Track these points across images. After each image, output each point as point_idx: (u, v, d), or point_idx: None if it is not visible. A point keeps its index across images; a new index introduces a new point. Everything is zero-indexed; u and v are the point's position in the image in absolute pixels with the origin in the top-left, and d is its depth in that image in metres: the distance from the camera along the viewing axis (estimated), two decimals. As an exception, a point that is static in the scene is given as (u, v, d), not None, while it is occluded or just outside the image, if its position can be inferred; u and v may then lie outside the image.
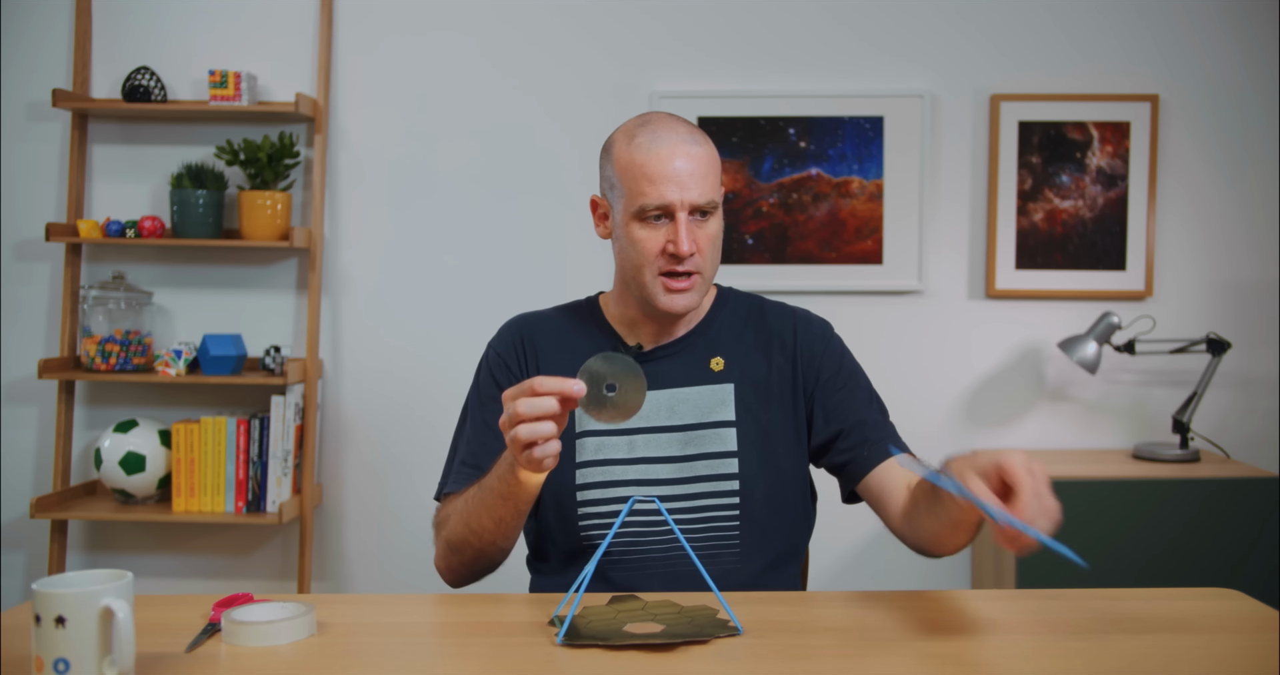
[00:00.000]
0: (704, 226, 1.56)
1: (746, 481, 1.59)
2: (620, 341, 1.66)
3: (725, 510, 1.58)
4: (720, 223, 1.59)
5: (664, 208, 1.54)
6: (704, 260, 1.57)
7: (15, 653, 1.21)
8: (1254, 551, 2.70)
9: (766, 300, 1.73)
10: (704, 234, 1.56)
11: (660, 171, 1.53)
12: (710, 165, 1.57)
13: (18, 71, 3.07)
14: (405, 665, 1.22)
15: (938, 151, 3.06)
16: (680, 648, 1.23)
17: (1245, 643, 1.27)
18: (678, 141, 1.55)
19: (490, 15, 3.06)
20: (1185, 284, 3.08)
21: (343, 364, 3.11)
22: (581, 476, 1.59)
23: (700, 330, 1.66)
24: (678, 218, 1.54)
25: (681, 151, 1.54)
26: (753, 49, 3.06)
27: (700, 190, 1.54)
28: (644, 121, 1.59)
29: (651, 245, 1.56)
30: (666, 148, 1.54)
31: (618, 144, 1.59)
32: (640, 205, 1.54)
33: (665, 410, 1.61)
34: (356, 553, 3.12)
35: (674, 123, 1.59)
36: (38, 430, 3.12)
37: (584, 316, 1.71)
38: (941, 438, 3.08)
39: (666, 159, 1.54)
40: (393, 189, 3.09)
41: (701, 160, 1.55)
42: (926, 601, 1.42)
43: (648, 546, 1.58)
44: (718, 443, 1.60)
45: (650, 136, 1.56)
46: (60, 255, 3.06)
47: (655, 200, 1.53)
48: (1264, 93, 3.04)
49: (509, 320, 1.73)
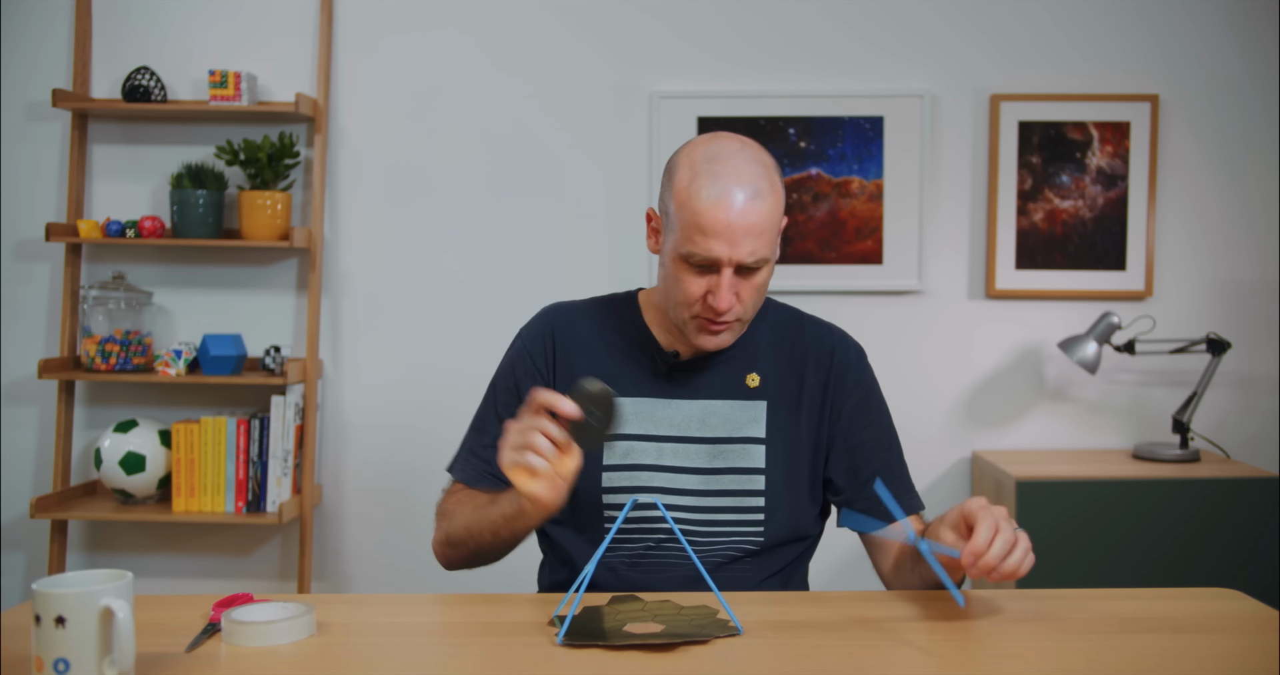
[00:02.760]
0: (750, 279, 1.52)
1: (771, 499, 1.58)
2: (657, 347, 1.63)
3: (749, 525, 1.58)
4: (769, 272, 1.55)
5: (710, 262, 1.49)
6: (745, 308, 1.54)
7: (15, 653, 1.21)
8: (1254, 551, 2.70)
9: (804, 315, 1.71)
10: (749, 286, 1.52)
11: (714, 225, 1.47)
12: (769, 221, 1.50)
13: (18, 71, 3.07)
14: (405, 665, 1.22)
15: (938, 151, 3.06)
16: (680, 648, 1.23)
17: (1245, 643, 1.27)
18: (741, 196, 1.47)
19: (490, 15, 3.06)
20: (1185, 284, 3.08)
21: (343, 364, 3.11)
22: (608, 479, 1.58)
23: (741, 344, 1.63)
24: (723, 272, 1.49)
25: (742, 208, 1.47)
26: (753, 49, 3.06)
27: (751, 248, 1.48)
28: (712, 157, 1.50)
29: (693, 290, 1.52)
30: (726, 202, 1.47)
31: (679, 173, 1.52)
32: (689, 252, 1.49)
33: (697, 421, 1.60)
34: (356, 553, 3.12)
35: (744, 168, 1.49)
36: (38, 430, 3.12)
37: (621, 313, 1.67)
38: (941, 438, 3.08)
39: (724, 212, 1.46)
40: (393, 189, 3.09)
41: (761, 216, 1.48)
42: (926, 601, 1.42)
43: (668, 549, 1.57)
44: (746, 458, 1.59)
45: (713, 184, 1.47)
46: (60, 255, 3.06)
47: (703, 252, 1.48)
48: (1264, 92, 3.04)
49: (543, 309, 1.71)
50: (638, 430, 1.59)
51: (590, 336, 1.65)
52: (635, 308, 1.68)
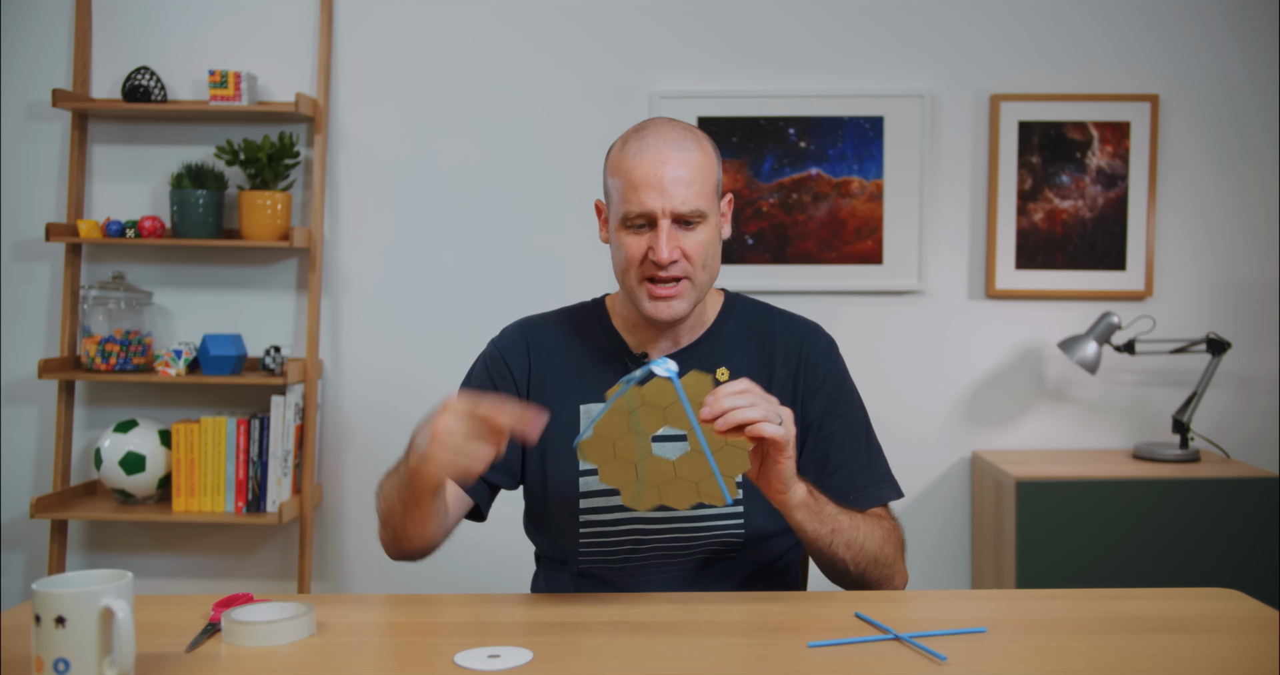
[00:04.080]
0: (690, 234, 1.53)
1: (750, 490, 1.56)
2: (626, 349, 1.63)
3: (728, 519, 1.56)
4: (712, 232, 1.55)
5: (646, 215, 1.51)
6: (693, 267, 1.53)
7: (15, 653, 1.22)
8: (1254, 551, 2.70)
9: (774, 309, 1.71)
10: (692, 242, 1.53)
11: (644, 178, 1.51)
12: (699, 172, 1.53)
13: (18, 71, 3.07)
14: (405, 665, 1.22)
15: (938, 151, 3.06)
16: (680, 646, 1.23)
17: (1245, 643, 1.27)
18: (665, 148, 1.52)
19: (490, 15, 3.06)
20: (1185, 284, 3.08)
21: (343, 364, 3.11)
22: (585, 484, 1.58)
23: (707, 338, 1.64)
24: (660, 225, 1.51)
25: (667, 158, 1.51)
26: (753, 49, 3.06)
27: (684, 197, 1.50)
28: (640, 127, 1.57)
29: (635, 251, 1.53)
30: (652, 154, 1.51)
31: (614, 150, 1.57)
32: (624, 211, 1.52)
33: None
34: (356, 553, 3.12)
35: (668, 129, 1.55)
36: (38, 430, 3.12)
37: (589, 320, 1.68)
38: (941, 438, 3.08)
39: (651, 166, 1.51)
40: (392, 189, 3.09)
41: (689, 167, 1.52)
42: (926, 601, 1.42)
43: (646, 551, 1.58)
44: None
45: (640, 143, 1.53)
46: (60, 255, 3.06)
47: (637, 207, 1.51)
48: (1264, 92, 3.04)
49: (512, 324, 1.71)
50: None
51: (561, 346, 1.66)
52: (604, 312, 1.68)
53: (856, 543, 1.49)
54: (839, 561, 1.50)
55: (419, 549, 1.54)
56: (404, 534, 1.50)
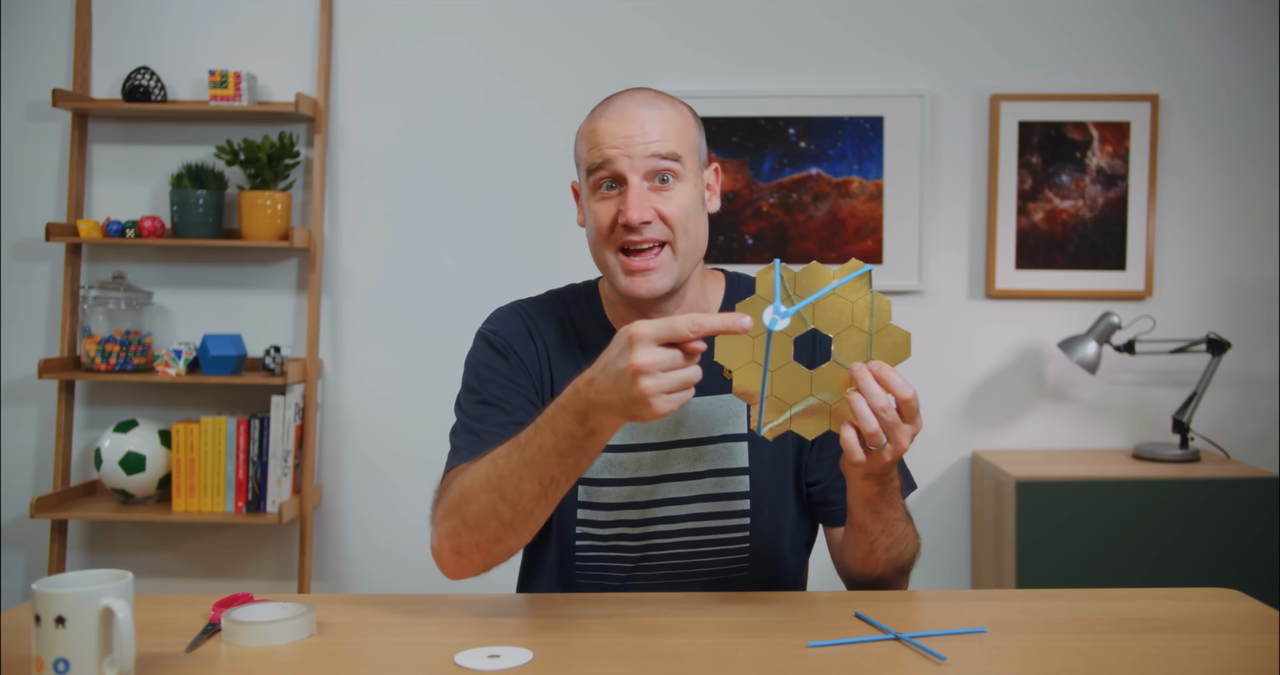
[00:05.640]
0: (666, 194, 1.39)
1: (757, 500, 1.48)
2: None
3: (734, 532, 1.48)
4: (692, 193, 1.40)
5: (614, 173, 1.38)
6: (672, 231, 1.38)
7: (15, 653, 1.21)
8: (1254, 551, 2.70)
9: None
10: (669, 202, 1.38)
11: (608, 130, 1.38)
12: (669, 125, 1.39)
13: (18, 71, 3.07)
14: (405, 665, 1.22)
15: (938, 151, 3.06)
16: (680, 646, 1.23)
17: (1245, 643, 1.27)
18: (634, 106, 1.40)
19: (490, 17, 3.07)
20: (1185, 284, 3.08)
21: (343, 364, 3.11)
22: (585, 494, 1.49)
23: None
24: (629, 182, 1.37)
25: (636, 114, 1.39)
26: (752, 49, 3.06)
27: (655, 138, 1.37)
28: (609, 96, 1.47)
29: (604, 217, 1.39)
30: (619, 111, 1.40)
31: (583, 122, 1.47)
32: (587, 166, 1.40)
33: (673, 423, 1.46)
34: (356, 553, 3.12)
35: (639, 92, 1.45)
36: (38, 430, 3.12)
37: (582, 307, 1.55)
38: (941, 438, 3.08)
39: (617, 119, 1.39)
40: (392, 189, 3.09)
41: (658, 120, 1.39)
42: (926, 601, 1.42)
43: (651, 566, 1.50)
44: (728, 458, 1.47)
45: (607, 105, 1.43)
46: (60, 255, 3.06)
47: (598, 158, 1.38)
48: (1264, 92, 3.04)
49: (505, 307, 1.57)
50: (614, 441, 1.45)
51: (557, 335, 1.52)
52: (595, 295, 1.56)
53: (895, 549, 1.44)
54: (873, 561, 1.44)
55: (517, 545, 1.35)
56: (525, 521, 1.30)
